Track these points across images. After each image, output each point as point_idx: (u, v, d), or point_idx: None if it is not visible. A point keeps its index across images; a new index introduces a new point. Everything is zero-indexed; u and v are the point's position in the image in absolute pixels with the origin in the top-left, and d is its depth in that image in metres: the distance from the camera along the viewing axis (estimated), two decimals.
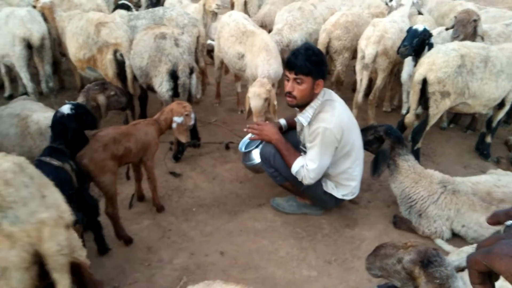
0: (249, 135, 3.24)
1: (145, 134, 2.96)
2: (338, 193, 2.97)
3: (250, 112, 3.58)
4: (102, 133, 2.77)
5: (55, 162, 2.27)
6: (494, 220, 0.75)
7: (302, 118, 2.82)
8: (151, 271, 2.57)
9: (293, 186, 3.01)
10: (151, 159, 3.00)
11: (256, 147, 3.31)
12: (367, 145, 3.06)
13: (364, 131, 3.08)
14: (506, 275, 0.61)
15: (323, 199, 3.02)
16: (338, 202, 3.08)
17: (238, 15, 4.51)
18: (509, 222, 0.71)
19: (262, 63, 3.82)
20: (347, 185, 2.97)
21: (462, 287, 1.72)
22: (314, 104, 2.78)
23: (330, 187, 2.97)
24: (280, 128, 3.21)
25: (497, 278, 0.69)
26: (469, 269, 0.68)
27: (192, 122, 3.20)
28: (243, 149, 3.40)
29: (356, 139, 2.88)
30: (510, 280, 0.60)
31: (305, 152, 2.91)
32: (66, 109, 2.53)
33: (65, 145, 2.45)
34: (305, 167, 2.75)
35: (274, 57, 3.91)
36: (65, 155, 2.39)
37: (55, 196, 1.76)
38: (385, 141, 2.97)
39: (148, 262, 2.64)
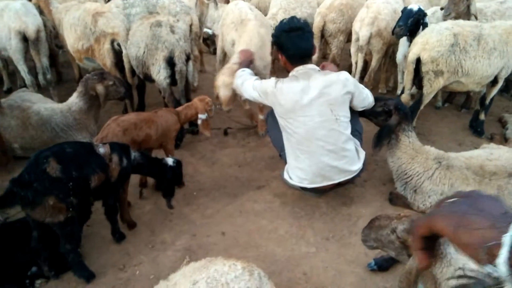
0: None
1: (165, 121, 3.11)
2: (286, 176, 3.02)
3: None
4: (123, 118, 2.89)
5: (101, 149, 2.39)
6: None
7: None
8: (154, 252, 2.65)
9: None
10: (170, 143, 3.20)
11: None
12: (372, 116, 3.08)
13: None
14: (444, 232, 0.67)
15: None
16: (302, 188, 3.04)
17: (244, 4, 4.32)
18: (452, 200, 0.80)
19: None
20: (294, 167, 2.94)
21: (454, 253, 1.79)
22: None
23: (285, 170, 3.07)
24: None
25: (434, 247, 0.79)
26: (413, 235, 0.76)
27: (212, 114, 3.41)
28: None
29: (302, 127, 2.74)
30: (449, 237, 0.67)
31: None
32: (170, 161, 2.78)
33: (142, 164, 2.64)
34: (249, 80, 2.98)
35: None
36: (126, 153, 2.53)
37: None
38: (393, 116, 2.99)
39: (152, 244, 2.72)
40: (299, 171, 2.91)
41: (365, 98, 2.94)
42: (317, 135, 2.74)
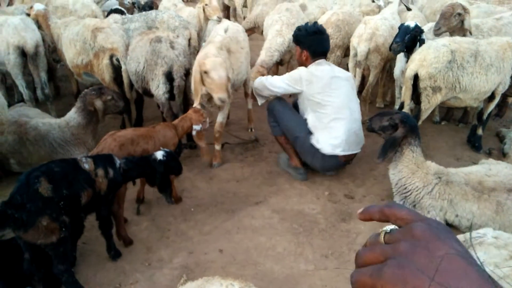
0: None
1: (163, 136, 3.08)
2: (320, 146, 3.40)
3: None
4: (120, 133, 2.88)
5: (86, 165, 2.36)
6: (367, 216, 0.64)
7: None
8: (151, 270, 2.62)
9: (286, 139, 3.63)
10: None
11: None
12: (381, 130, 3.06)
13: (380, 116, 3.08)
14: None
15: (311, 152, 3.48)
16: (326, 160, 3.46)
17: (222, 26, 4.13)
18: (388, 228, 0.59)
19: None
20: (326, 138, 3.39)
21: None
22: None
23: (314, 140, 3.44)
24: None
25: None
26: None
27: (207, 126, 3.40)
28: None
29: (337, 97, 3.37)
30: None
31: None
32: (159, 155, 2.70)
33: (130, 168, 2.57)
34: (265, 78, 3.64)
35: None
36: (110, 163, 2.48)
37: None
38: (399, 129, 2.96)
39: (148, 262, 2.69)
40: (333, 139, 3.38)
41: None
42: (349, 103, 3.44)
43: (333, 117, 3.38)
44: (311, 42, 3.51)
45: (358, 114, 3.54)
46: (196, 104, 3.40)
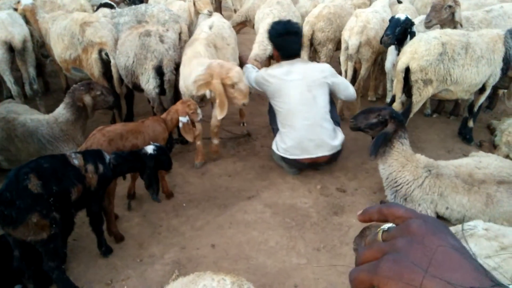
0: None
1: (153, 131, 3.06)
2: (276, 146, 3.56)
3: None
4: (109, 128, 2.85)
5: (75, 160, 2.34)
6: (366, 217, 0.64)
7: None
8: (143, 266, 2.60)
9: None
10: None
11: None
12: (368, 128, 3.05)
13: (365, 113, 3.06)
14: None
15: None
16: (285, 160, 3.53)
17: (207, 22, 4.17)
18: (385, 226, 0.60)
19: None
20: (279, 141, 3.51)
21: None
22: None
23: (274, 141, 3.59)
24: None
25: None
26: (352, 286, 0.58)
27: (199, 118, 3.33)
28: None
29: (286, 104, 3.39)
30: None
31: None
32: (150, 149, 2.66)
33: (119, 163, 2.54)
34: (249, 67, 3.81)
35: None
36: (100, 159, 2.46)
37: None
38: (389, 124, 2.96)
39: (140, 258, 2.67)
40: (282, 143, 3.48)
41: (347, 86, 3.61)
42: (297, 110, 3.35)
43: (283, 123, 3.49)
44: (281, 43, 3.51)
45: (316, 118, 3.37)
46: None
